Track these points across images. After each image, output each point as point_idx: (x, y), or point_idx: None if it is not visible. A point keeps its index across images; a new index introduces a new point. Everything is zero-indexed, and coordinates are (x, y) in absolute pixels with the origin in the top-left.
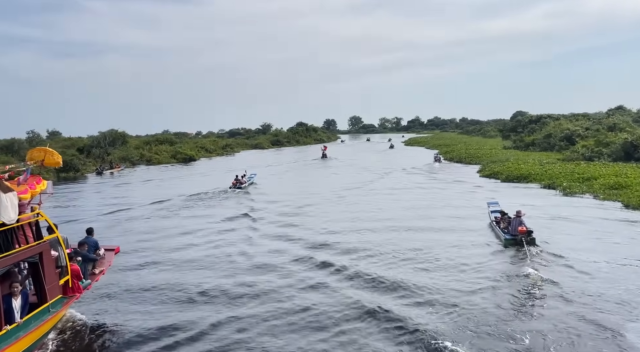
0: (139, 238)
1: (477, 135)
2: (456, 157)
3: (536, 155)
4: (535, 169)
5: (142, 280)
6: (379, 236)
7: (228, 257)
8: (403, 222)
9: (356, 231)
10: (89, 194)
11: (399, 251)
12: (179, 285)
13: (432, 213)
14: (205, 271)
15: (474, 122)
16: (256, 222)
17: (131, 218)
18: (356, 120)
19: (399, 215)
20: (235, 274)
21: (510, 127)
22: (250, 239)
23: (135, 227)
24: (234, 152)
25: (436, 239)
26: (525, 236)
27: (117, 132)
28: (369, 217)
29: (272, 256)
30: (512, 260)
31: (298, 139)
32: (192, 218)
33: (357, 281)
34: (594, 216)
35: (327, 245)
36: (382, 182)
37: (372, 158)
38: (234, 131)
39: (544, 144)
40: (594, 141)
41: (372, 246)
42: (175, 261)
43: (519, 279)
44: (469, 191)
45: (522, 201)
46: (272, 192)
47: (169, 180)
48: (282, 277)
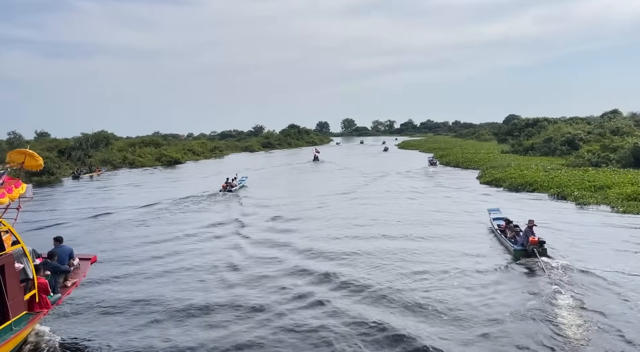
0: (119, 245)
1: (472, 138)
2: (453, 162)
3: (537, 160)
4: (541, 175)
5: (120, 293)
6: (377, 244)
7: (215, 268)
8: (401, 229)
9: (352, 239)
10: (63, 199)
11: (399, 260)
12: (160, 299)
13: (432, 221)
14: (190, 283)
15: (467, 126)
16: (246, 228)
17: (112, 224)
18: (349, 123)
19: (396, 222)
20: (221, 288)
21: (506, 131)
22: (239, 247)
23: (116, 234)
24: (223, 155)
25: (439, 248)
26: (537, 246)
27: (100, 133)
28: (363, 225)
29: (263, 266)
30: (526, 274)
31: (290, 142)
32: (179, 224)
33: (356, 295)
34: (614, 231)
35: (322, 254)
36: (377, 187)
37: (366, 161)
38: (226, 133)
39: (544, 148)
40: (600, 146)
41: (370, 256)
42: (157, 271)
43: (542, 298)
44: (470, 199)
45: (531, 212)
46: (263, 197)
47: (151, 184)
48: (273, 291)
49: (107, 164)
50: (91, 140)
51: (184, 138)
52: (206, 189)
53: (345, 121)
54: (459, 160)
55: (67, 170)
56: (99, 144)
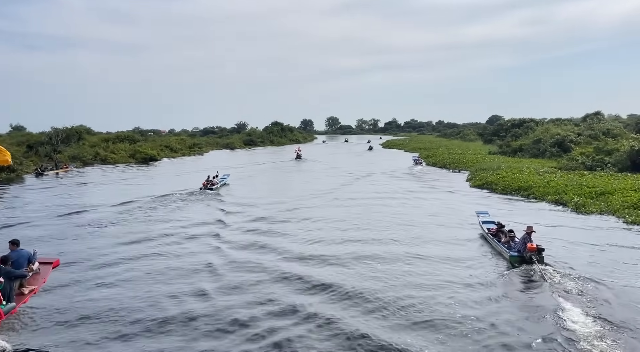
0: (85, 247)
1: (456, 138)
2: (440, 162)
3: (527, 162)
4: (535, 179)
5: (84, 301)
6: (363, 248)
7: (192, 273)
8: (388, 233)
9: (337, 242)
10: (22, 198)
11: (387, 264)
12: (129, 309)
13: (421, 225)
14: (163, 290)
15: (451, 125)
16: (226, 229)
17: (78, 224)
18: (333, 121)
19: (382, 225)
20: (199, 296)
21: (492, 131)
22: (218, 250)
23: (83, 235)
24: (203, 152)
25: (429, 254)
26: (535, 254)
27: (72, 128)
28: (348, 228)
29: (245, 272)
30: (525, 282)
31: (272, 139)
32: (153, 224)
33: (344, 304)
34: (621, 241)
35: (306, 258)
36: (363, 188)
37: (351, 160)
38: (208, 129)
39: (533, 149)
40: (593, 148)
41: (356, 261)
42: (127, 276)
43: (547, 309)
44: (461, 203)
45: (527, 218)
46: (245, 196)
47: (123, 182)
48: (255, 301)
49: (76, 161)
50: (62, 135)
51: (165, 134)
52: (185, 187)
53: (329, 119)
54: (446, 161)
55: (31, 166)
56: (70, 139)
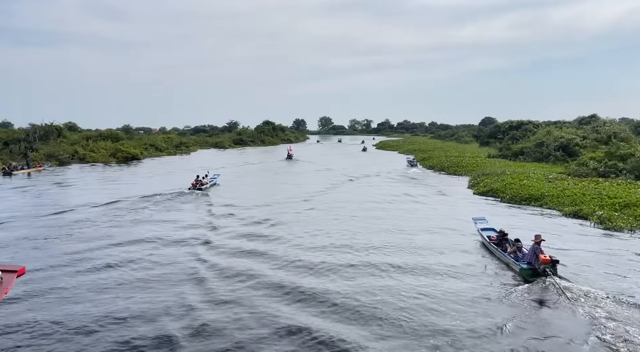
0: (56, 253)
1: (451, 140)
2: (437, 166)
3: (531, 167)
4: (546, 187)
5: (50, 315)
6: (359, 257)
7: (176, 283)
8: (387, 240)
9: (331, 250)
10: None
11: (387, 277)
12: (99, 324)
13: (419, 233)
14: (141, 304)
15: (444, 127)
16: (214, 232)
17: (50, 227)
18: (326, 121)
19: (379, 231)
20: (182, 312)
21: (488, 134)
22: (204, 257)
23: (54, 239)
24: (190, 151)
25: (430, 265)
26: (549, 266)
27: (51, 125)
28: (343, 233)
29: (234, 282)
30: (541, 300)
31: (263, 139)
32: (135, 226)
33: (343, 321)
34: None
35: (300, 267)
36: (357, 191)
37: (344, 161)
38: (199, 128)
39: (535, 153)
40: (605, 153)
41: (352, 271)
42: (103, 285)
43: (574, 330)
44: (465, 213)
45: (547, 235)
46: (235, 197)
47: (101, 182)
48: (246, 318)
49: (51, 159)
50: (39, 132)
51: (155, 132)
52: (159, 190)
53: (322, 119)
54: (444, 165)
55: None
56: (49, 137)
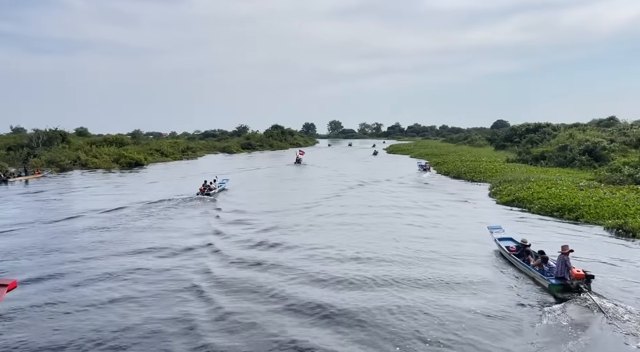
0: (52, 264)
1: (464, 143)
2: (453, 171)
3: (555, 173)
4: (579, 196)
5: (41, 332)
6: (373, 270)
7: (182, 298)
8: (404, 253)
9: (344, 261)
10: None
11: (405, 290)
12: (94, 343)
13: (437, 245)
14: (140, 323)
15: (456, 130)
16: (223, 239)
17: (47, 237)
18: (336, 125)
19: (395, 242)
20: (185, 334)
21: (504, 137)
22: (210, 268)
23: (51, 250)
24: (197, 156)
25: (451, 279)
26: (582, 281)
27: (56, 130)
28: (356, 243)
29: (244, 297)
30: (579, 320)
31: (272, 143)
32: (138, 234)
33: (355, 343)
34: None
35: (313, 280)
36: (370, 197)
37: (355, 166)
38: (209, 133)
39: (559, 157)
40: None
41: (367, 287)
42: (100, 300)
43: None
44: (489, 224)
45: (593, 255)
46: (243, 203)
47: (103, 188)
48: (257, 335)
49: (51, 166)
50: (42, 138)
51: (166, 137)
52: (186, 192)
53: (332, 123)
54: (460, 170)
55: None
56: (52, 142)
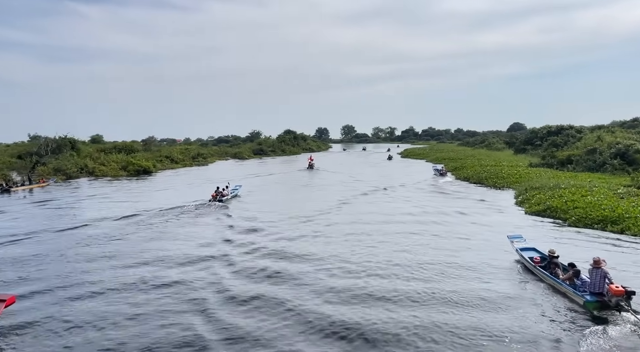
0: (52, 276)
1: (481, 147)
2: (473, 177)
3: (585, 178)
4: (622, 206)
5: None
6: (392, 283)
7: (192, 313)
8: (424, 264)
9: (362, 273)
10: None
11: (427, 306)
12: None
13: (460, 257)
14: (149, 334)
15: (471, 134)
16: (235, 248)
17: (49, 249)
18: (349, 129)
19: (417, 254)
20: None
21: (524, 140)
22: (225, 279)
23: (54, 262)
24: (208, 163)
25: (477, 296)
26: (622, 298)
27: (65, 137)
28: (372, 253)
29: (259, 314)
30: (622, 343)
31: (284, 149)
32: (150, 241)
33: None
34: None
35: (328, 293)
36: (386, 205)
37: (370, 171)
38: (222, 139)
39: (587, 161)
40: None
41: (384, 300)
42: (104, 316)
43: None
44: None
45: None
46: (256, 209)
47: (112, 197)
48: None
49: (58, 174)
50: (51, 145)
51: (180, 143)
52: (195, 199)
53: (345, 127)
54: (481, 176)
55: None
56: (61, 150)
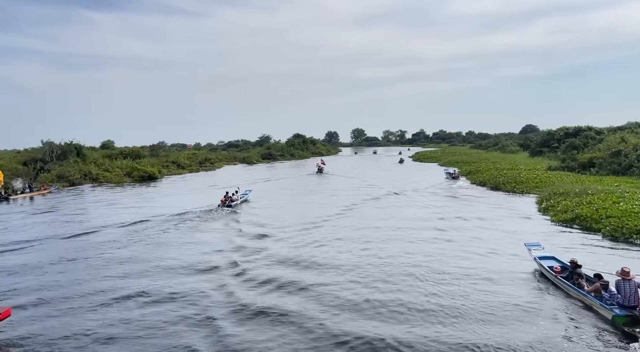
0: (49, 286)
1: (494, 150)
2: (490, 181)
3: (611, 182)
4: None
5: None
6: (412, 295)
7: (198, 327)
8: (442, 275)
9: (372, 284)
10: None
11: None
12: None
13: (481, 269)
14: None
15: (483, 136)
16: (245, 256)
17: (47, 260)
18: (359, 132)
19: (435, 264)
20: None
21: (540, 142)
22: (234, 290)
23: (51, 272)
24: (215, 168)
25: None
26: None
27: (71, 143)
28: (387, 266)
29: (269, 328)
30: None
31: (293, 153)
32: (156, 249)
33: None
34: None
35: (342, 306)
36: (400, 210)
37: (381, 175)
38: (232, 143)
39: (612, 164)
40: None
41: (403, 314)
42: (101, 333)
43: None
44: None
45: None
46: (265, 215)
47: (120, 203)
48: None
49: (61, 181)
50: (56, 151)
51: (190, 148)
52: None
53: (355, 131)
54: (498, 180)
55: None
56: (67, 156)
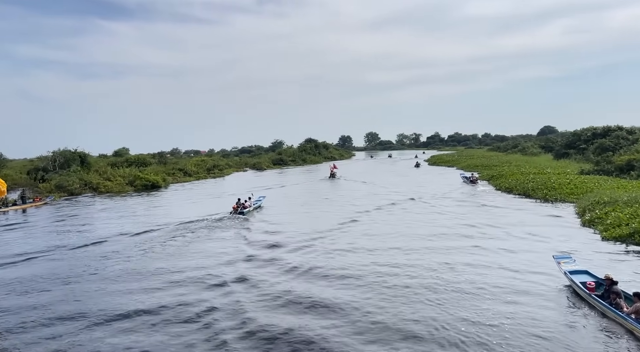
0: (42, 304)
1: (514, 152)
2: (517, 188)
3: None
4: None
5: None
6: (440, 315)
7: None
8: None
9: (393, 298)
10: None
11: None
12: None
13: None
14: None
15: (500, 138)
16: (257, 268)
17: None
18: (373, 136)
19: (460, 282)
20: None
21: (565, 143)
22: (243, 310)
23: (46, 287)
24: (224, 175)
25: None
26: None
27: (75, 151)
28: (408, 282)
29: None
30: None
31: (304, 158)
32: (163, 260)
33: None
34: None
35: (359, 322)
36: (419, 218)
37: (397, 180)
38: (245, 149)
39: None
40: None
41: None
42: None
43: None
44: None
45: None
46: (278, 222)
47: (120, 214)
48: None
49: (58, 191)
50: (60, 160)
51: (204, 154)
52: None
53: (368, 135)
54: (527, 186)
55: None
56: (70, 164)
